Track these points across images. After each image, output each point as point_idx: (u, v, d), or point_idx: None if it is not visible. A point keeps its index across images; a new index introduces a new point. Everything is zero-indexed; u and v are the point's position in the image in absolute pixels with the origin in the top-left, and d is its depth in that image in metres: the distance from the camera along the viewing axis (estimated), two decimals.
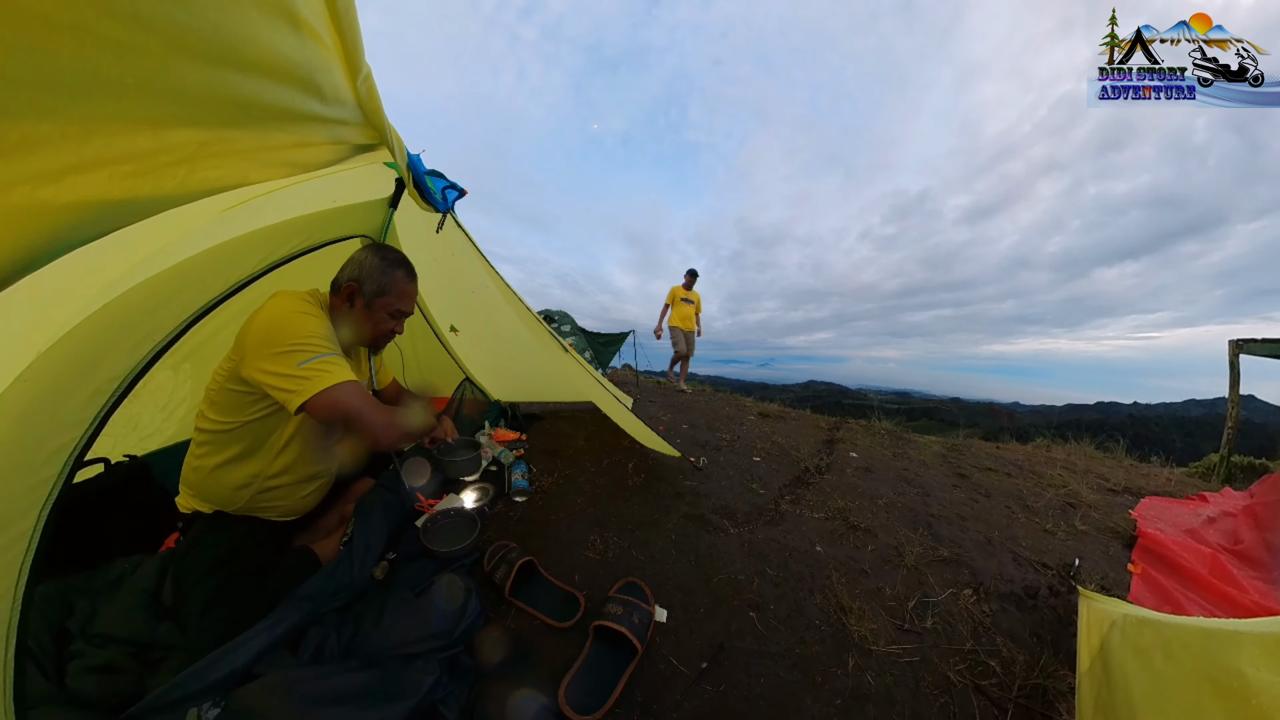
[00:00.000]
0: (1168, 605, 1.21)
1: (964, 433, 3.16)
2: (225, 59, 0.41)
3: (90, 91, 0.36)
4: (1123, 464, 2.61)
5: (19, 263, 0.42)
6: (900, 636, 1.14)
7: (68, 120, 0.37)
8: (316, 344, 0.89)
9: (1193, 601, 1.22)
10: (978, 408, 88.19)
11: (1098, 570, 1.42)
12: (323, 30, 0.48)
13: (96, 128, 0.39)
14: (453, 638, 0.96)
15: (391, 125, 0.70)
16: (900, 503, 1.87)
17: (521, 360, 2.19)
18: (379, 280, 1.10)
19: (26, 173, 0.37)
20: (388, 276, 1.10)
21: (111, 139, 0.40)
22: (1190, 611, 1.17)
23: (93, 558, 0.96)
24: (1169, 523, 1.69)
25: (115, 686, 0.76)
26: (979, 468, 2.38)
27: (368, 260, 1.10)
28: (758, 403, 4.04)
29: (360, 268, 1.09)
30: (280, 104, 0.49)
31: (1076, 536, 1.64)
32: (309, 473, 1.17)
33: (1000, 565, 1.44)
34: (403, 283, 1.14)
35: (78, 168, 0.40)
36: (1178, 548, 1.44)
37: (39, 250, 0.43)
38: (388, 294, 1.12)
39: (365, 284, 1.09)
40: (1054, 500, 1.92)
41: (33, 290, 0.47)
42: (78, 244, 0.45)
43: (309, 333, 0.90)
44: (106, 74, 0.36)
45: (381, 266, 1.10)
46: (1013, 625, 1.18)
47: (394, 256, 1.14)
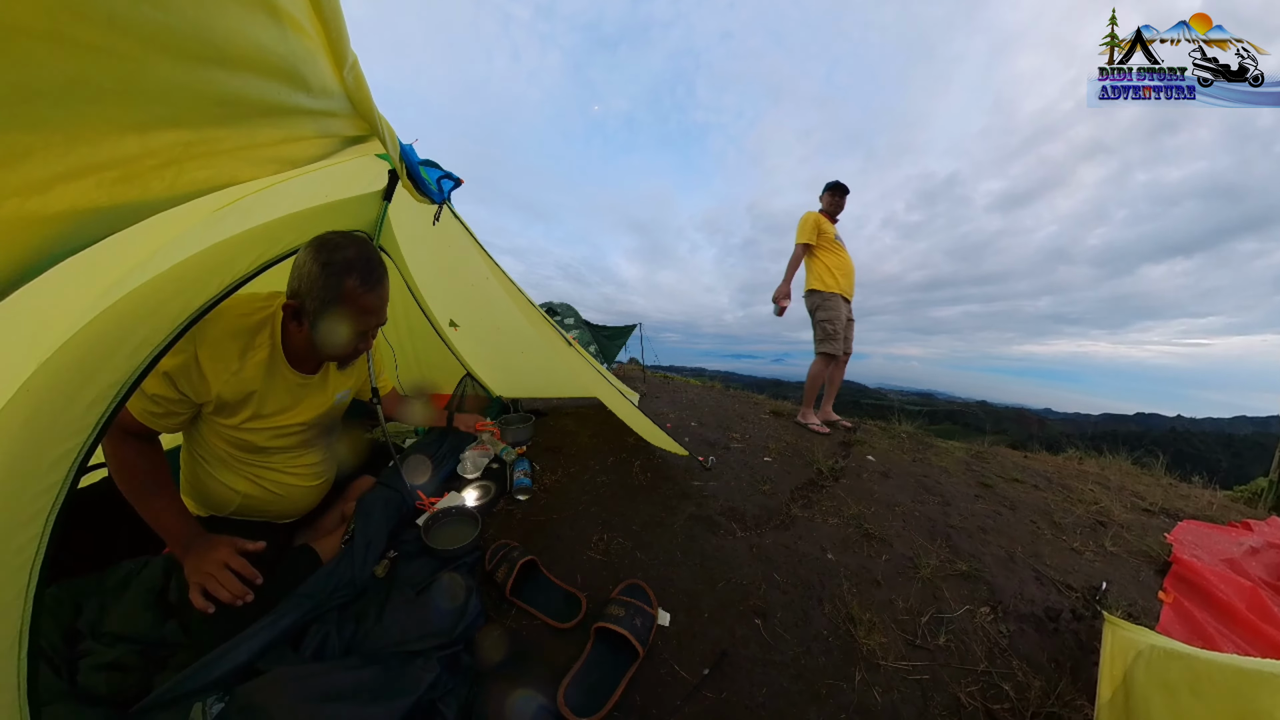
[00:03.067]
0: (1199, 639, 1.17)
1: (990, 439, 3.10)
2: (206, 56, 0.41)
3: (71, 99, 0.37)
4: (1161, 482, 2.53)
5: (13, 274, 0.43)
6: (911, 652, 1.14)
7: (51, 130, 0.37)
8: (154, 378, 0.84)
9: (1226, 637, 1.18)
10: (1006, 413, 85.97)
11: (1126, 596, 1.39)
12: (304, 20, 0.48)
13: (80, 135, 0.39)
14: (453, 636, 1.00)
15: (382, 115, 0.69)
16: (918, 511, 1.85)
17: (524, 355, 2.21)
18: (320, 295, 0.91)
19: (14, 185, 0.38)
20: (332, 289, 0.90)
21: (96, 145, 0.41)
22: (1223, 648, 1.13)
23: (99, 560, 1.01)
24: (1207, 550, 1.63)
25: (124, 683, 0.82)
26: (1004, 478, 2.33)
27: (306, 268, 0.90)
28: (771, 400, 4.01)
29: (299, 279, 0.91)
30: (265, 99, 0.49)
31: (1105, 558, 1.60)
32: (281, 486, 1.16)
33: (1021, 584, 1.43)
34: (355, 293, 0.93)
35: (64, 177, 0.41)
36: (1215, 578, 1.39)
37: (32, 261, 0.44)
38: (337, 315, 0.93)
39: (306, 300, 0.91)
40: (1083, 517, 1.88)
41: (29, 301, 0.48)
42: (70, 253, 0.46)
43: (162, 367, 0.83)
44: (86, 80, 0.36)
45: (323, 277, 0.90)
46: (1030, 648, 1.17)
47: (342, 260, 0.90)
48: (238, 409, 1.01)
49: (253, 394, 1.01)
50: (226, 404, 0.98)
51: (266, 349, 1.01)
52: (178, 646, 0.89)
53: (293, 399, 1.10)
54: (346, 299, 0.94)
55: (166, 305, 0.67)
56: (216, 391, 0.95)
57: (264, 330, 1.01)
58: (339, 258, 0.92)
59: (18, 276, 0.44)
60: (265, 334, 1.01)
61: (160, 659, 0.87)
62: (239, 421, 1.03)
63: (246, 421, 1.03)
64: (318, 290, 0.92)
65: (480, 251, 1.47)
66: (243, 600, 0.91)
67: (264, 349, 1.01)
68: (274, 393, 1.06)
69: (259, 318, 1.01)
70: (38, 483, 0.55)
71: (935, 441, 2.94)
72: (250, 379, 0.99)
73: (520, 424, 2.15)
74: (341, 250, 0.93)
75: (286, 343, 1.05)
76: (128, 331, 0.63)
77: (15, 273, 0.43)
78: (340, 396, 1.27)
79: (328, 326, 0.96)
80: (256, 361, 1.00)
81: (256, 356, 1.00)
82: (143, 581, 0.94)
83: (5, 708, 0.52)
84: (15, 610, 0.52)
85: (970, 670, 1.10)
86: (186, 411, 0.98)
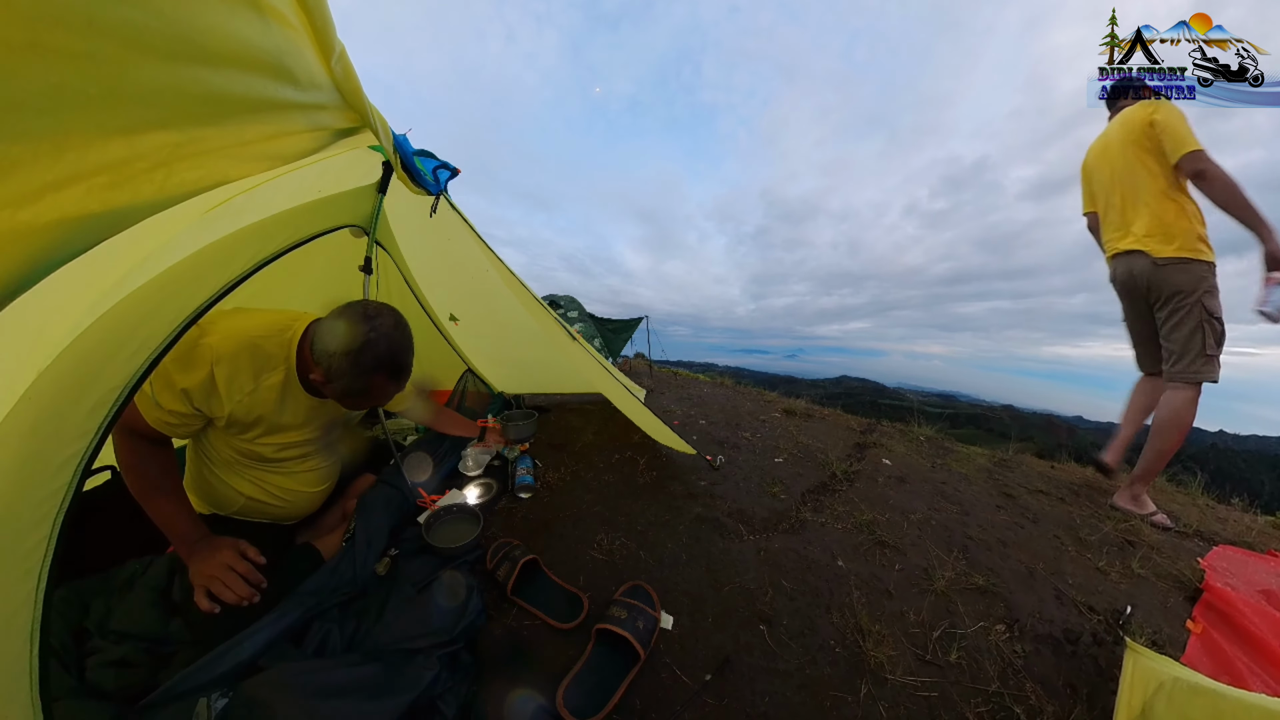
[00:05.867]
0: (1226, 675, 1.14)
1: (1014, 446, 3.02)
2: (188, 55, 0.41)
3: (56, 107, 0.37)
4: (1197, 502, 2.43)
5: (10, 285, 0.45)
6: (920, 668, 1.14)
7: (38, 140, 0.38)
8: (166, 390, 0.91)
9: (1257, 675, 1.14)
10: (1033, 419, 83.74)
11: (1151, 622, 1.35)
12: (288, 11, 0.48)
13: (67, 143, 0.40)
14: (453, 635, 1.03)
15: (373, 105, 0.70)
16: (935, 520, 1.84)
17: (526, 350, 2.22)
18: (348, 384, 1.00)
19: (4, 198, 0.38)
20: (361, 381, 1.00)
21: (84, 152, 0.41)
22: (1252, 686, 1.09)
23: (105, 560, 1.06)
24: (1243, 579, 1.57)
25: (131, 679, 0.87)
26: (1028, 488, 2.29)
27: (335, 352, 0.97)
28: (783, 398, 3.99)
29: (328, 355, 0.97)
30: (252, 95, 0.49)
31: (1132, 580, 1.55)
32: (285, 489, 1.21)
33: (1040, 602, 1.41)
34: (382, 386, 1.04)
35: (54, 186, 0.41)
36: (1249, 610, 1.34)
37: (28, 272, 0.45)
38: (360, 396, 1.05)
39: (334, 382, 1.00)
40: (1111, 535, 1.83)
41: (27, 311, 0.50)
42: (64, 261, 0.48)
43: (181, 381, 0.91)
44: (70, 87, 0.37)
45: (353, 373, 0.98)
46: (1046, 670, 1.16)
47: (372, 359, 0.98)
48: (249, 428, 1.08)
49: (263, 416, 1.08)
50: (238, 422, 1.05)
51: (282, 373, 1.07)
52: (182, 644, 0.93)
53: (304, 418, 1.17)
54: (374, 389, 1.04)
55: (163, 308, 0.69)
56: (229, 410, 1.01)
57: (280, 354, 1.07)
58: (369, 358, 0.98)
59: (14, 287, 0.45)
60: (281, 358, 1.07)
61: (165, 656, 0.92)
62: (251, 438, 1.10)
63: (258, 437, 1.10)
64: (346, 377, 1.00)
65: (480, 243, 1.46)
66: (247, 602, 0.96)
67: (279, 373, 1.07)
68: (286, 413, 1.12)
69: (277, 342, 1.06)
70: (44, 487, 0.58)
71: (956, 446, 2.90)
72: (263, 401, 1.05)
73: (523, 420, 2.17)
74: (373, 348, 0.99)
75: (302, 369, 1.10)
76: (126, 336, 0.65)
77: (12, 283, 0.45)
78: (351, 414, 1.36)
79: (349, 400, 1.08)
80: (270, 384, 1.05)
81: (271, 380, 1.05)
82: (147, 581, 0.99)
83: (19, 703, 0.56)
84: (26, 610, 0.56)
85: (981, 690, 1.10)
86: (199, 423, 1.05)
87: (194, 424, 1.03)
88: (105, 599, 0.96)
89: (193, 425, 1.03)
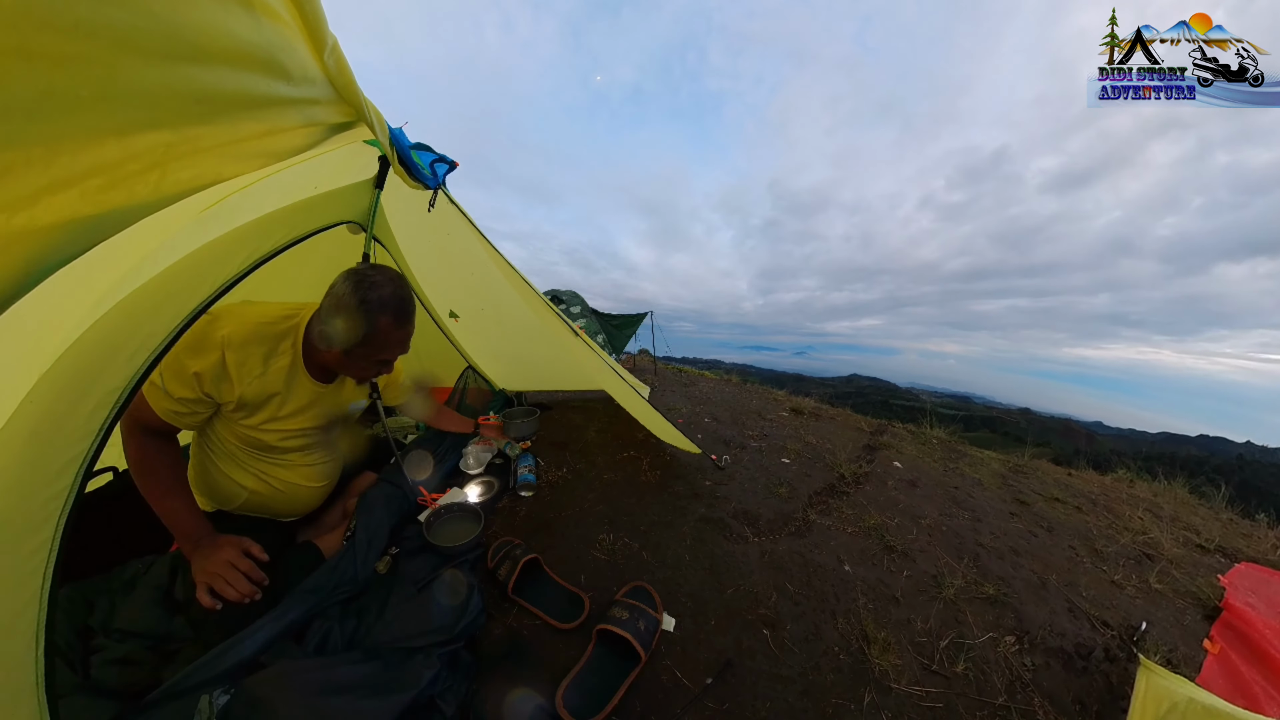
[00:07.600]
0: (1242, 698, 1.13)
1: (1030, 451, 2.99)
2: (178, 53, 0.41)
3: (47, 111, 0.37)
4: (1220, 516, 2.39)
5: (7, 290, 0.45)
6: (925, 677, 1.15)
7: (30, 144, 0.38)
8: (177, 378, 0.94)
9: (1274, 700, 1.13)
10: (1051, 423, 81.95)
11: (1166, 640, 1.34)
12: (278, 6, 0.48)
13: (60, 146, 0.40)
14: (454, 633, 1.05)
15: (368, 99, 0.69)
16: (946, 526, 1.83)
17: (528, 346, 2.22)
18: (354, 328, 1.01)
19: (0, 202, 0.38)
20: (368, 324, 1.01)
21: (77, 155, 0.41)
22: (1268, 711, 1.08)
23: (108, 560, 1.09)
24: (1264, 599, 1.55)
25: (134, 677, 0.90)
26: (1044, 496, 2.27)
27: (344, 300, 1.00)
28: (791, 396, 3.98)
29: (336, 308, 1.01)
30: (244, 92, 0.49)
31: (1148, 595, 1.54)
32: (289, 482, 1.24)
33: (1052, 614, 1.40)
34: (388, 330, 1.04)
35: (49, 189, 0.42)
36: (1269, 632, 1.32)
37: (25, 276, 0.46)
38: (369, 345, 1.04)
39: (340, 334, 1.01)
40: (1128, 547, 1.81)
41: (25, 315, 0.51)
42: (61, 264, 0.48)
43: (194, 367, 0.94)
44: (60, 90, 0.37)
45: (360, 312, 0.99)
46: (1055, 685, 1.16)
47: (378, 299, 1.00)
48: (257, 409, 1.11)
49: (274, 396, 1.11)
50: (248, 404, 1.08)
51: (289, 356, 1.12)
52: (185, 641, 0.96)
53: (308, 404, 1.20)
54: (378, 334, 1.05)
55: (161, 309, 0.70)
56: (240, 393, 1.05)
57: (287, 339, 1.12)
58: (375, 296, 1.02)
59: (12, 291, 0.46)
60: (288, 343, 1.12)
61: (168, 653, 0.95)
62: (258, 422, 1.12)
63: (265, 422, 1.13)
64: (352, 322, 1.02)
65: (479, 238, 1.45)
66: (249, 599, 0.99)
67: (286, 356, 1.11)
68: (292, 397, 1.16)
69: (284, 327, 1.12)
70: (46, 489, 0.60)
71: (969, 450, 2.87)
72: (272, 382, 1.10)
73: (524, 418, 2.18)
74: (378, 289, 1.03)
75: (307, 353, 1.15)
76: (125, 337, 0.66)
77: (9, 288, 0.45)
78: (354, 407, 1.37)
79: (356, 353, 1.07)
80: (278, 368, 1.10)
81: (279, 363, 1.10)
82: (150, 580, 1.02)
83: (26, 700, 0.59)
84: (31, 610, 0.58)
85: (988, 703, 1.10)
86: (208, 411, 1.08)
87: (202, 412, 1.06)
88: (109, 598, 0.99)
89: (201, 414, 1.06)
